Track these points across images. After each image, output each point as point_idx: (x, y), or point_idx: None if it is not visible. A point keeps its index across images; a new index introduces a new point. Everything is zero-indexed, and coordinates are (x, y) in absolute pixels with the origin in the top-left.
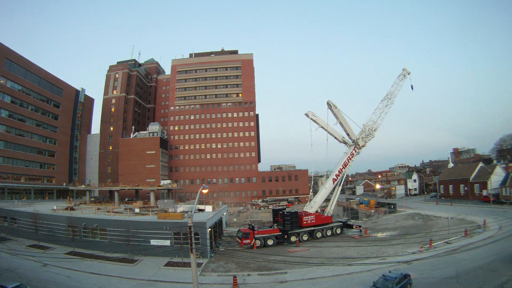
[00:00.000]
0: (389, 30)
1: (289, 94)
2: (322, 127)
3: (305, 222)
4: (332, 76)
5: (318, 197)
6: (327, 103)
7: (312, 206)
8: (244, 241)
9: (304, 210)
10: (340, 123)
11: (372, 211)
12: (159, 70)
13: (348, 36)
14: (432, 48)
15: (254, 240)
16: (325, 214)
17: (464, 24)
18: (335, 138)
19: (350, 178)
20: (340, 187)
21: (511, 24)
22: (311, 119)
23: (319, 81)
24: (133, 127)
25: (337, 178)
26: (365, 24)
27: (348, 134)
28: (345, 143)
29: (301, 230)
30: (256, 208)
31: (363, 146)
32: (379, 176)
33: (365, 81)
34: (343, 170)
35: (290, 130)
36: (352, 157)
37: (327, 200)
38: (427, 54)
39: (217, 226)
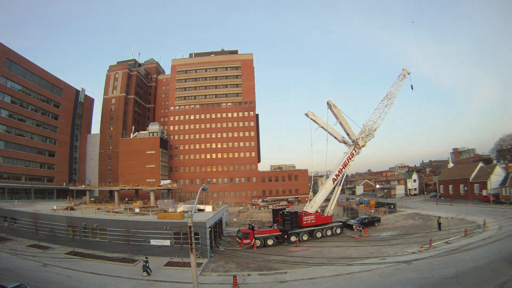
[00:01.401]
0: (391, 29)
1: (289, 94)
2: (322, 127)
3: (305, 222)
4: (333, 76)
5: (318, 197)
6: (327, 103)
7: (312, 206)
8: (244, 241)
9: (304, 210)
10: (340, 123)
11: (372, 211)
12: (159, 70)
13: (349, 35)
14: (431, 47)
15: (254, 240)
16: (325, 214)
17: (463, 23)
18: (335, 138)
19: (350, 178)
20: (340, 187)
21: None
22: (311, 119)
23: (320, 81)
24: (133, 127)
25: (337, 178)
26: (367, 23)
27: (348, 134)
28: (345, 143)
29: (301, 230)
30: (256, 208)
31: (363, 146)
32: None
33: (366, 80)
34: (343, 170)
35: (290, 130)
36: (352, 157)
37: (327, 200)
38: (427, 53)
39: (217, 226)
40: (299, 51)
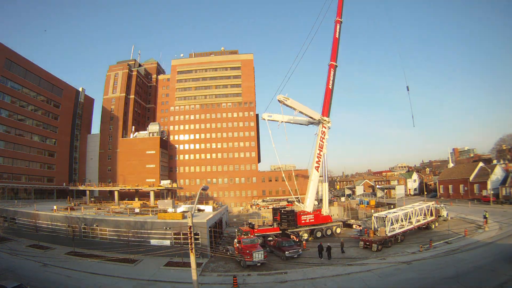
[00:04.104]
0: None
1: (289, 94)
2: (282, 121)
3: (303, 221)
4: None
5: (309, 192)
6: (278, 100)
7: (307, 205)
8: None
9: (301, 210)
10: (300, 112)
11: (372, 211)
12: (159, 70)
13: (349, 35)
14: (430, 47)
15: None
16: (323, 214)
17: (462, 22)
18: (301, 124)
19: (350, 178)
20: (327, 184)
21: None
22: (268, 120)
23: (320, 80)
24: (133, 127)
25: (319, 164)
26: (369, 21)
27: (311, 117)
28: (312, 123)
29: (299, 229)
30: (256, 208)
31: (329, 121)
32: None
33: (367, 80)
34: (321, 153)
35: (291, 130)
36: (324, 136)
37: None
38: (428, 53)
39: (217, 226)
40: (299, 51)
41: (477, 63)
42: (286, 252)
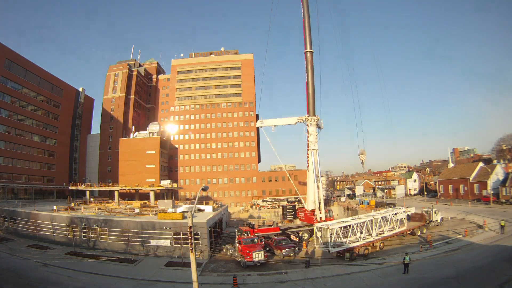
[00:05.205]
0: (392, 31)
1: (289, 94)
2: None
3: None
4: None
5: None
6: (258, 127)
7: (308, 205)
8: None
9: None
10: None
11: (372, 211)
12: (159, 70)
13: (349, 35)
14: (429, 46)
15: None
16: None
17: (462, 22)
18: (289, 124)
19: (350, 178)
20: (320, 184)
21: (509, 21)
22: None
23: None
24: (133, 127)
25: (308, 163)
26: (368, 19)
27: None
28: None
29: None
30: (256, 208)
31: (311, 119)
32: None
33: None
34: (308, 151)
35: (291, 130)
36: (309, 134)
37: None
38: (428, 53)
39: (217, 226)
40: (300, 51)
41: (477, 63)
42: (283, 250)
